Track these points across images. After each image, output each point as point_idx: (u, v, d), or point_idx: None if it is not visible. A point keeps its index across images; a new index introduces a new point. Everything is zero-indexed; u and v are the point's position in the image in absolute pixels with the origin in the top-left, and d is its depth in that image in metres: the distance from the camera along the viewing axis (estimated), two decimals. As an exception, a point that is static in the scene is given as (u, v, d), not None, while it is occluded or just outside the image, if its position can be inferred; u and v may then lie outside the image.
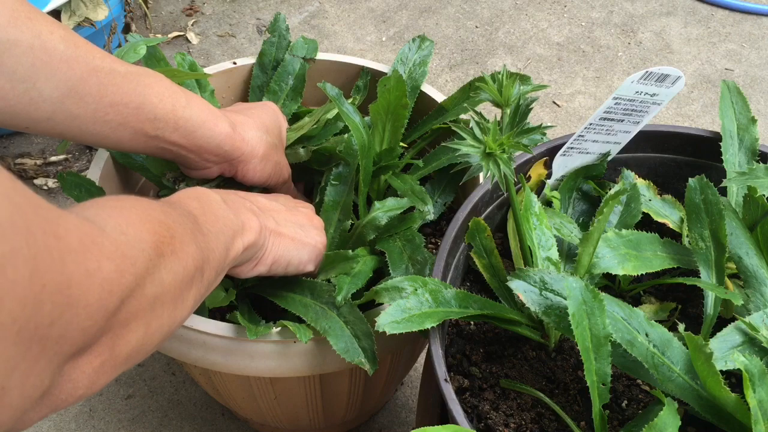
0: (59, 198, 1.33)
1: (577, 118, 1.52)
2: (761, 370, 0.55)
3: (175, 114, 0.68)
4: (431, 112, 0.92)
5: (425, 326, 0.58)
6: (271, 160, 0.78)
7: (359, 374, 0.80)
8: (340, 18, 1.75)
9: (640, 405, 0.64)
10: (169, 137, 0.69)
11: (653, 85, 0.71)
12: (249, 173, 0.77)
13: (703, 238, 0.68)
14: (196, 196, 0.58)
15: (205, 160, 0.74)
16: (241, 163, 0.76)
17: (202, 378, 0.85)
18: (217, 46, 1.68)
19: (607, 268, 0.66)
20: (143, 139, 0.68)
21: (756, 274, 0.67)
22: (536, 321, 0.67)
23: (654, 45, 1.69)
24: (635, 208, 0.74)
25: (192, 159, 0.73)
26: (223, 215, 0.58)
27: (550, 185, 0.78)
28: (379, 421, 1.05)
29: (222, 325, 0.70)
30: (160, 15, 1.75)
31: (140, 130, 0.67)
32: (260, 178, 0.78)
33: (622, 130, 0.76)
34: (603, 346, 0.57)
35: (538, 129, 0.63)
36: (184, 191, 0.59)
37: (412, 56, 0.96)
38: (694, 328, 0.67)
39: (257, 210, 0.66)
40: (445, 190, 0.88)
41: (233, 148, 0.74)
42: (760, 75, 1.62)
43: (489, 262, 0.71)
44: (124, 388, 1.08)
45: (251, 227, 0.62)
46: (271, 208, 0.70)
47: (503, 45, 1.69)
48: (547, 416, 0.63)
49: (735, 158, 0.76)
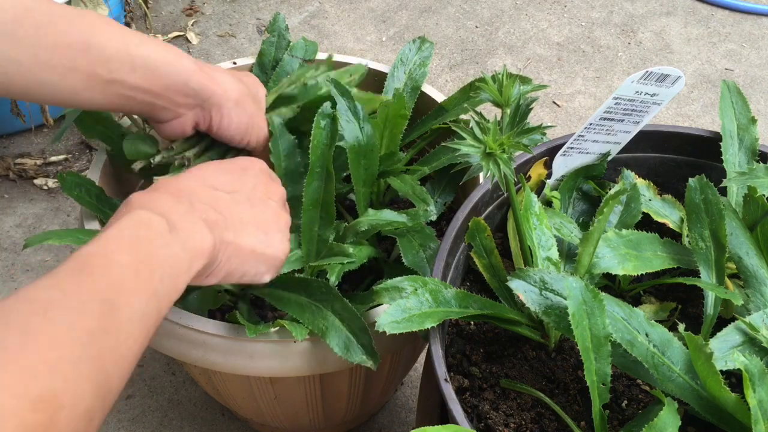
0: (59, 198, 1.33)
1: (577, 118, 1.52)
2: (761, 370, 0.55)
3: (129, 52, 0.63)
4: (431, 112, 0.92)
5: (425, 326, 0.58)
6: (246, 110, 0.73)
7: (359, 374, 0.80)
8: (340, 18, 1.75)
9: (640, 405, 0.64)
10: (128, 80, 0.64)
11: (653, 85, 0.71)
12: (225, 121, 0.72)
13: (703, 238, 0.68)
14: (132, 239, 0.49)
15: (175, 104, 0.68)
16: (215, 107, 0.71)
17: (202, 378, 0.85)
18: (217, 46, 1.68)
19: (607, 268, 0.66)
20: (99, 86, 0.62)
21: (756, 274, 0.67)
22: (536, 321, 0.67)
23: (654, 45, 1.69)
24: (635, 208, 0.74)
25: (159, 105, 0.68)
26: (163, 257, 0.50)
27: (550, 185, 0.78)
28: (379, 421, 1.06)
29: (222, 325, 0.70)
30: (160, 15, 1.75)
31: (93, 75, 0.61)
32: (237, 128, 0.73)
33: (622, 130, 0.76)
34: (603, 346, 0.57)
35: (538, 129, 0.63)
36: (120, 222, 0.50)
37: (412, 57, 0.96)
38: (694, 328, 0.67)
39: (215, 219, 0.57)
40: (445, 190, 0.88)
41: (202, 86, 0.68)
42: (760, 75, 1.62)
43: (489, 261, 0.71)
44: (125, 389, 1.08)
45: (202, 251, 0.54)
46: (233, 212, 0.61)
47: (503, 45, 1.69)
48: (547, 416, 0.63)
49: (735, 158, 0.76)
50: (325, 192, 0.78)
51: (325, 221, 0.77)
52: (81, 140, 1.43)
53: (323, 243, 0.76)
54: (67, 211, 1.31)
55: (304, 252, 0.76)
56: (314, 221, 0.77)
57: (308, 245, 0.77)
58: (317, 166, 0.77)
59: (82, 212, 0.79)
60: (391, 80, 0.94)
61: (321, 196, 0.78)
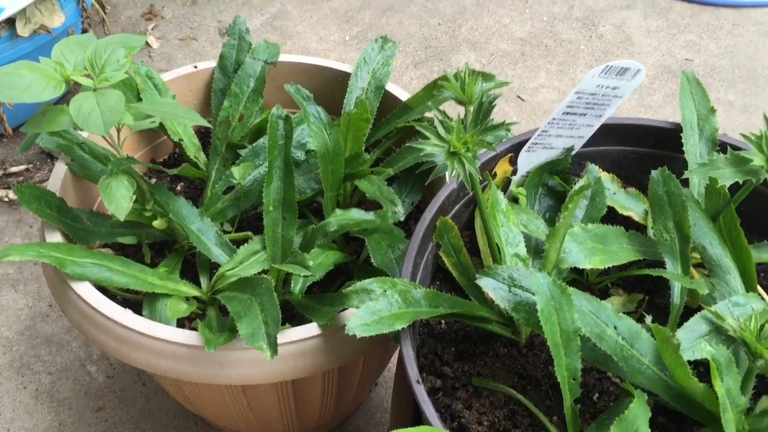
0: (21, 209, 1.30)
1: (542, 111, 1.53)
2: (728, 359, 0.55)
3: None
4: (395, 111, 0.92)
5: (395, 328, 0.58)
6: None
7: (332, 377, 0.80)
8: (303, 18, 1.74)
9: (612, 397, 0.65)
10: None
11: (614, 78, 0.71)
12: None
13: (667, 229, 0.68)
14: None
15: None
16: None
17: (173, 388, 0.83)
18: (179, 49, 1.66)
19: (574, 263, 0.66)
20: None
21: (720, 263, 0.67)
22: (506, 318, 0.67)
23: (615, 38, 1.70)
24: (600, 202, 0.74)
25: None
26: None
27: (516, 182, 0.78)
28: (354, 423, 1.05)
29: (190, 334, 0.69)
30: (119, 20, 1.72)
31: None
32: None
33: (585, 124, 0.76)
34: (572, 341, 0.57)
35: (502, 126, 0.63)
36: None
37: (375, 56, 0.96)
38: (662, 319, 0.68)
39: None
40: (412, 190, 0.88)
41: None
42: (719, 64, 1.64)
43: (458, 260, 0.71)
44: (94, 401, 1.06)
45: None
46: None
47: (467, 41, 1.69)
48: (520, 413, 0.63)
49: (696, 149, 0.76)
50: (286, 191, 0.77)
51: (288, 222, 0.77)
52: (42, 149, 1.41)
53: (288, 244, 0.76)
54: (30, 223, 1.29)
55: (269, 254, 0.76)
56: (277, 222, 0.77)
57: (273, 247, 0.76)
58: (275, 166, 0.77)
59: (43, 225, 0.78)
60: (355, 80, 0.94)
61: (282, 196, 0.77)
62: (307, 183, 0.87)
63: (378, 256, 0.73)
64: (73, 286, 0.72)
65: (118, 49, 0.73)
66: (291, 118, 0.78)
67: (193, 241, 0.79)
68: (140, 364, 0.71)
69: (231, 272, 0.76)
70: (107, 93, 0.68)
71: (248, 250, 0.78)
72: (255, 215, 0.88)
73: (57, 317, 1.15)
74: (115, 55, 0.72)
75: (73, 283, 0.72)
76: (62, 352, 1.11)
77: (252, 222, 0.89)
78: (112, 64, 0.71)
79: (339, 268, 0.81)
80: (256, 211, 0.87)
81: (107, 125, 0.65)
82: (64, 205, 0.79)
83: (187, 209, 0.81)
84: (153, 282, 0.74)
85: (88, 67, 0.71)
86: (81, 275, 0.72)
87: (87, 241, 0.79)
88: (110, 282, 0.73)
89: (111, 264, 0.73)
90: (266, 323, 0.65)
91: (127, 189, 0.71)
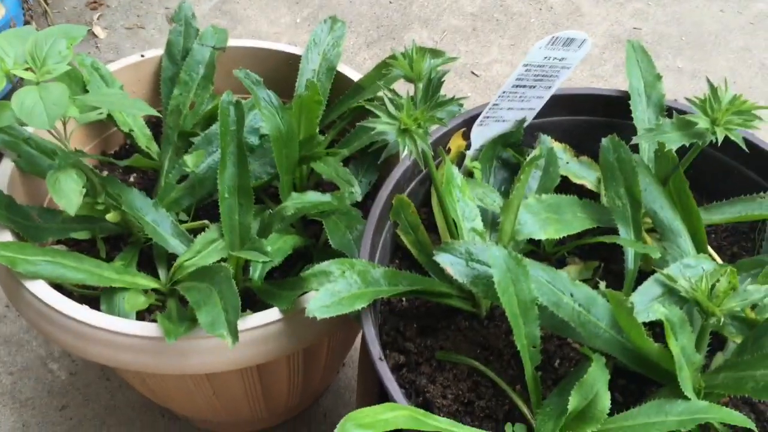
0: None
1: (496, 86, 1.54)
2: (681, 319, 0.57)
3: None
4: (348, 92, 0.92)
5: (356, 308, 0.58)
6: None
7: (297, 360, 0.80)
8: (252, 2, 1.72)
9: (572, 363, 0.66)
10: None
11: (561, 49, 0.72)
12: None
13: (619, 196, 0.69)
14: None
15: None
16: None
17: (137, 380, 0.83)
18: (126, 38, 1.62)
19: (529, 234, 0.67)
20: None
21: (671, 227, 0.69)
22: (466, 292, 0.68)
23: (564, 9, 1.72)
24: (554, 172, 0.75)
25: None
26: None
27: (470, 156, 0.79)
28: (324, 405, 1.05)
29: (149, 326, 0.68)
30: (63, 11, 1.68)
31: None
32: None
33: (536, 96, 0.77)
34: (530, 310, 0.58)
35: (453, 101, 0.63)
36: None
37: (325, 38, 0.95)
38: (618, 284, 0.69)
39: None
40: (369, 169, 0.88)
41: None
42: (666, 32, 1.66)
43: (416, 238, 0.71)
44: (57, 399, 1.05)
45: None
46: None
47: (418, 18, 1.68)
48: (484, 384, 0.64)
49: (644, 115, 0.78)
50: (240, 177, 0.76)
51: (244, 208, 0.76)
52: (-11, 147, 1.37)
53: (246, 230, 0.75)
54: (-19, 223, 1.26)
55: (227, 242, 0.75)
56: (233, 209, 0.76)
57: (230, 235, 0.76)
58: (229, 152, 0.76)
59: (-8, 223, 0.76)
60: (306, 62, 0.93)
61: (237, 182, 0.76)
62: (263, 168, 0.86)
63: (336, 238, 0.73)
64: (27, 285, 0.71)
65: (59, 41, 0.71)
66: (242, 104, 0.77)
67: (149, 232, 0.78)
68: (101, 359, 0.70)
69: (189, 262, 0.76)
70: (50, 86, 0.66)
71: (205, 239, 0.77)
72: (211, 203, 0.87)
73: (15, 317, 1.13)
74: (57, 46, 0.70)
75: (27, 282, 0.71)
76: (22, 352, 1.10)
77: (208, 210, 0.88)
78: (54, 56, 0.69)
79: (299, 252, 0.81)
80: (211, 198, 0.86)
81: (51, 119, 0.64)
82: (12, 202, 0.77)
83: (141, 200, 0.79)
84: (109, 276, 0.73)
85: (29, 61, 0.69)
86: (34, 274, 0.70)
87: (39, 239, 0.77)
88: (65, 279, 0.71)
89: (64, 260, 0.72)
90: (226, 311, 0.65)
91: (76, 183, 0.70)
